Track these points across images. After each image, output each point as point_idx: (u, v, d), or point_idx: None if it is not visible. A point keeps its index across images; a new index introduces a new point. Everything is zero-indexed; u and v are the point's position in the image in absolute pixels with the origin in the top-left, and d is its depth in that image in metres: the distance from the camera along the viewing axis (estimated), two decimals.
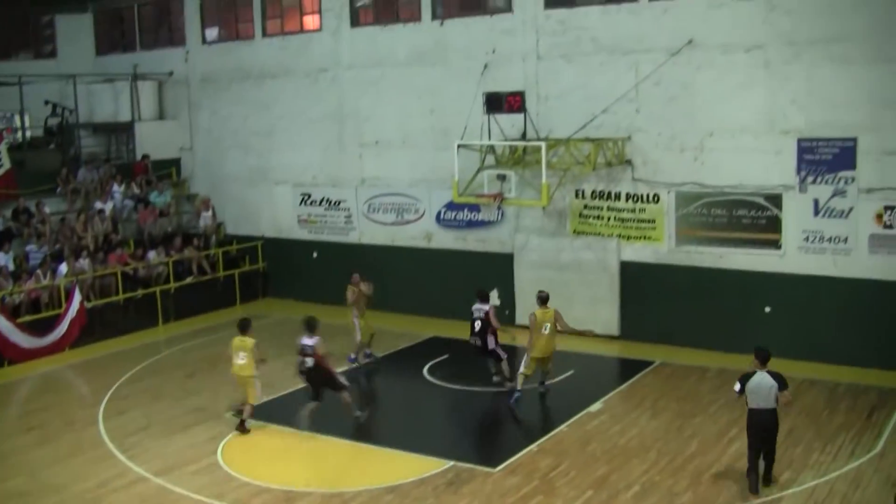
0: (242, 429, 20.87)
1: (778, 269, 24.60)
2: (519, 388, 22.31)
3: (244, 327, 21.36)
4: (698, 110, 25.73)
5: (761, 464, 17.14)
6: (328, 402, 21.00)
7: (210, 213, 34.81)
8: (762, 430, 17.01)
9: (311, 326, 21.14)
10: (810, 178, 24.34)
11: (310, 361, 20.85)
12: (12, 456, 20.06)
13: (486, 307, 23.26)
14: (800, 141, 24.42)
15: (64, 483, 18.41)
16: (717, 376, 23.77)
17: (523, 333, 23.47)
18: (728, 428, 20.13)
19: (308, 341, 20.93)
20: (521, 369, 22.37)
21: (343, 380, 21.48)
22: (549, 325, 22.18)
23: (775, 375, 16.81)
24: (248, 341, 21.09)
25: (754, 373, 16.94)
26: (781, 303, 24.27)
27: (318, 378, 20.92)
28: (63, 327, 27.99)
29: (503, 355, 23.44)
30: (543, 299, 22.47)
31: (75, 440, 20.88)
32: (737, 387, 17.10)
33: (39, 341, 27.50)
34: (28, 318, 27.77)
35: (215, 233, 34.82)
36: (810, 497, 16.70)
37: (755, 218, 25.25)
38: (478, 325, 23.13)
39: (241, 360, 21.00)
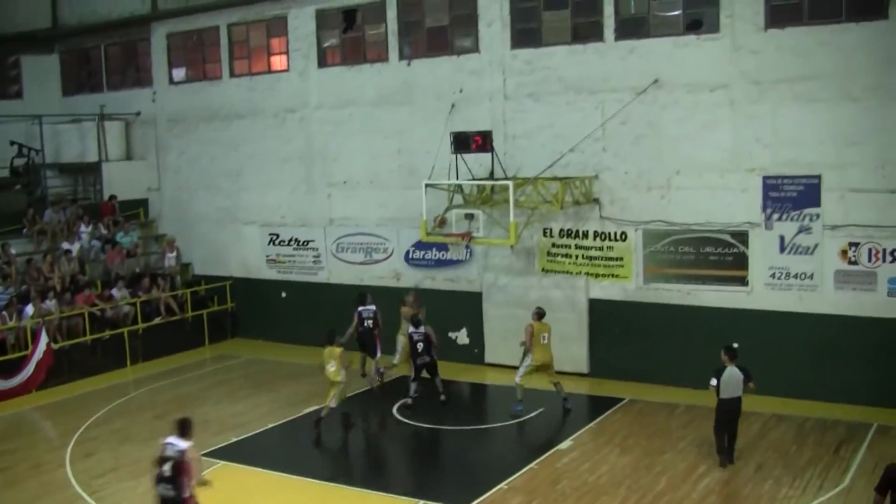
0: (318, 426, 22.80)
1: (745, 306, 24.74)
2: (519, 397, 23.76)
3: (330, 338, 23.14)
4: (665, 149, 25.92)
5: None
6: (299, 440, 20.96)
7: (174, 254, 34.64)
8: (732, 415, 19.94)
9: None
10: (776, 216, 24.54)
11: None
12: None
13: (422, 329, 24.87)
14: (765, 178, 24.63)
15: None
16: (686, 413, 23.86)
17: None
18: (697, 464, 20.18)
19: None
20: (518, 380, 23.73)
21: None
22: (546, 335, 23.95)
23: (742, 369, 19.75)
24: (336, 350, 22.84)
25: (725, 367, 19.75)
26: (749, 339, 24.32)
27: None
28: (30, 369, 27.80)
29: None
30: (541, 315, 24.11)
31: (43, 483, 20.70)
32: (713, 381, 19.80)
33: (6, 383, 27.31)
34: None
35: (180, 273, 34.64)
36: None
37: (722, 255, 25.41)
38: (420, 346, 24.56)
39: (331, 367, 22.71)
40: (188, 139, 35.64)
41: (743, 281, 25.19)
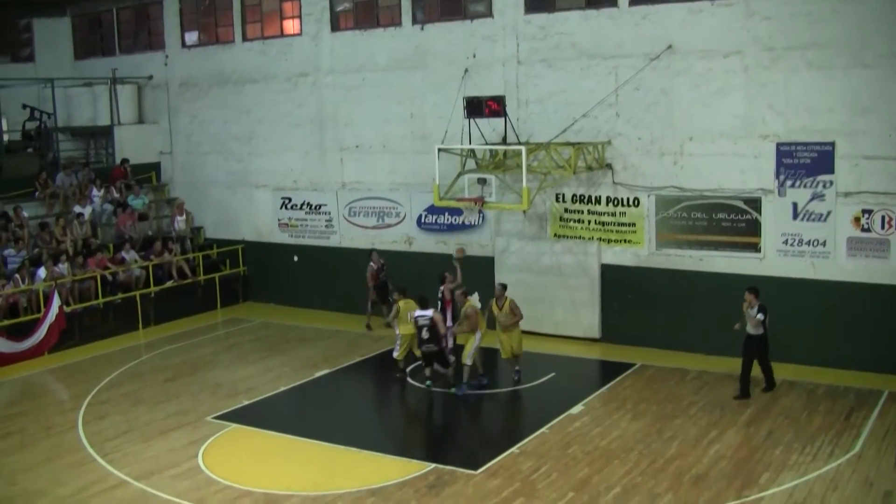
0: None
1: (757, 272, 24.64)
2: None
3: (402, 291, 25.05)
4: (678, 115, 25.83)
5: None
6: (310, 403, 21.04)
7: (184, 217, 34.63)
8: (758, 351, 22.28)
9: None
10: (789, 182, 24.47)
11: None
12: None
13: (430, 313, 23.54)
14: (778, 145, 24.54)
15: (43, 488, 18.32)
16: (697, 378, 23.88)
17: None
18: (708, 430, 20.20)
19: (426, 313, 23.32)
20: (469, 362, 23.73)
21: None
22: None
23: (762, 308, 21.84)
24: (411, 303, 24.13)
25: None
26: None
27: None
28: (42, 332, 27.90)
29: (451, 361, 23.80)
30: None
31: (54, 445, 20.77)
32: (760, 316, 21.83)
33: (18, 346, 27.40)
34: (6, 322, 27.65)
35: (190, 237, 34.65)
36: (790, 498, 16.76)
37: (735, 221, 25.36)
38: (425, 332, 23.34)
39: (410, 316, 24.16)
40: (200, 103, 35.60)
41: (755, 247, 25.15)
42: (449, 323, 24.49)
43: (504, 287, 24.03)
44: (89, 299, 29.99)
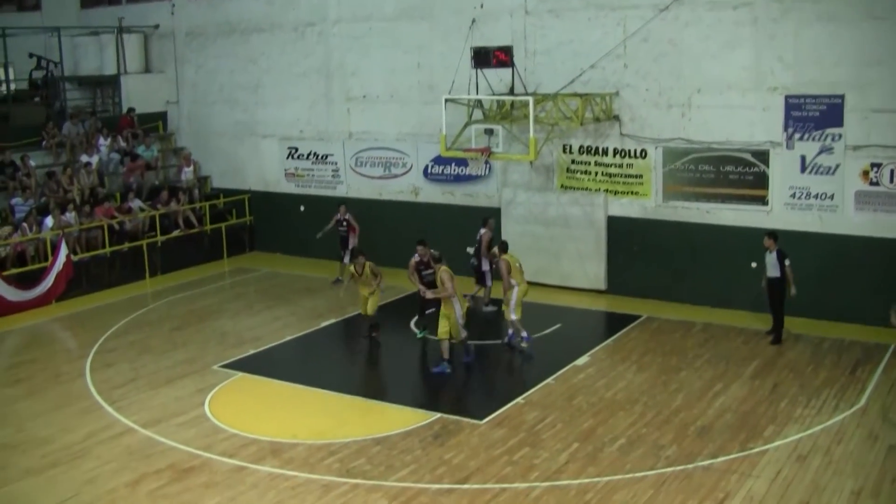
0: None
1: (764, 225, 24.52)
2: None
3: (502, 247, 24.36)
4: (686, 67, 25.69)
5: None
6: (316, 352, 21.12)
7: (191, 168, 34.62)
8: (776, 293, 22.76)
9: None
10: (797, 135, 24.36)
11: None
12: None
13: (482, 231, 25.92)
14: (787, 98, 24.40)
15: (51, 435, 18.43)
16: (703, 331, 23.91)
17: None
18: (713, 382, 20.25)
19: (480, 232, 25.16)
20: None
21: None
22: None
23: (780, 253, 22.50)
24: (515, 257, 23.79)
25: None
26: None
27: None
28: (49, 280, 27.96)
29: (488, 283, 25.98)
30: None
31: (62, 392, 20.90)
32: (787, 262, 22.40)
33: (26, 294, 27.48)
34: (14, 271, 27.70)
35: (197, 187, 34.65)
36: (794, 450, 16.81)
37: (742, 174, 25.28)
38: (472, 249, 25.93)
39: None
40: (207, 53, 35.47)
41: (763, 200, 25.09)
42: (485, 267, 25.80)
43: (361, 254, 23.98)
44: (96, 248, 30.06)
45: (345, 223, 28.94)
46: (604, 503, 15.02)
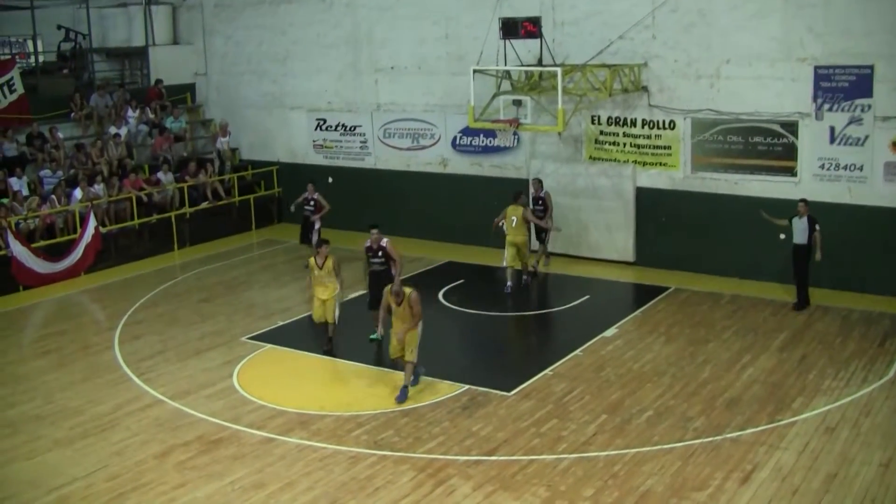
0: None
1: (793, 196, 24.35)
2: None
3: (516, 196, 25.35)
4: (715, 37, 25.53)
5: None
6: (343, 324, 21.15)
7: (227, 138, 34.67)
8: (802, 260, 22.94)
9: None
10: (826, 106, 24.19)
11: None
12: (28, 379, 20.23)
13: (542, 193, 26.99)
14: (816, 68, 24.22)
15: (80, 406, 18.58)
16: (731, 303, 23.84)
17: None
18: (741, 354, 20.20)
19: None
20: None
21: None
22: (515, 218, 24.87)
23: (811, 219, 22.64)
24: (519, 209, 24.91)
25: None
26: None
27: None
28: (78, 252, 28.08)
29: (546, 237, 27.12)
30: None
31: (91, 364, 21.04)
32: (817, 227, 22.56)
33: (55, 266, 27.61)
34: (43, 243, 27.85)
35: (230, 158, 34.73)
36: (822, 422, 16.77)
37: (771, 145, 25.14)
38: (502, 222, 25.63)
39: (514, 225, 24.85)
40: (235, 24, 35.43)
41: (791, 171, 24.94)
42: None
43: (325, 243, 21.30)
44: (125, 220, 30.16)
45: (312, 202, 28.33)
46: (632, 475, 15.03)
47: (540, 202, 26.86)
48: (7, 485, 15.51)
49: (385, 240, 21.28)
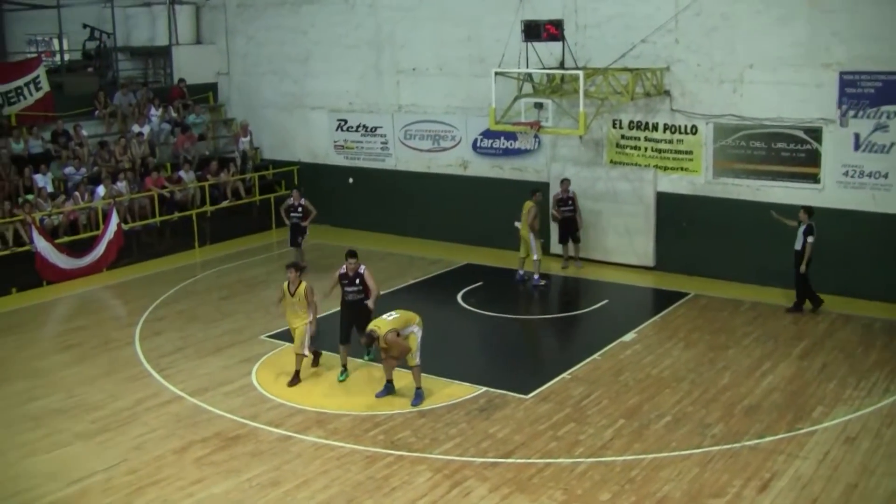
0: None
1: (816, 203, 24.29)
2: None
3: (532, 193, 26.13)
4: (738, 42, 25.43)
5: None
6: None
7: (248, 138, 34.74)
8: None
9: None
10: (851, 112, 24.07)
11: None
12: (49, 374, 20.34)
13: (570, 193, 27.38)
14: (841, 74, 24.09)
15: (100, 401, 18.67)
16: (751, 309, 23.75)
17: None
18: (761, 361, 20.11)
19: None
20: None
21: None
22: (521, 213, 25.73)
23: (809, 228, 22.82)
24: (527, 205, 25.55)
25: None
26: (818, 237, 24.01)
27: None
28: (101, 249, 28.23)
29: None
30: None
31: (112, 359, 21.14)
32: (810, 238, 22.73)
33: (77, 262, 27.75)
34: (66, 239, 27.98)
35: (252, 158, 34.80)
36: (843, 432, 16.68)
37: (794, 151, 25.03)
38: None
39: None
40: (257, 24, 35.49)
41: (815, 178, 24.83)
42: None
43: (298, 269, 20.01)
44: (146, 218, 30.27)
45: (300, 209, 27.84)
46: (649, 480, 15.00)
47: (570, 202, 26.91)
48: (27, 477, 15.60)
49: (363, 267, 20.45)
